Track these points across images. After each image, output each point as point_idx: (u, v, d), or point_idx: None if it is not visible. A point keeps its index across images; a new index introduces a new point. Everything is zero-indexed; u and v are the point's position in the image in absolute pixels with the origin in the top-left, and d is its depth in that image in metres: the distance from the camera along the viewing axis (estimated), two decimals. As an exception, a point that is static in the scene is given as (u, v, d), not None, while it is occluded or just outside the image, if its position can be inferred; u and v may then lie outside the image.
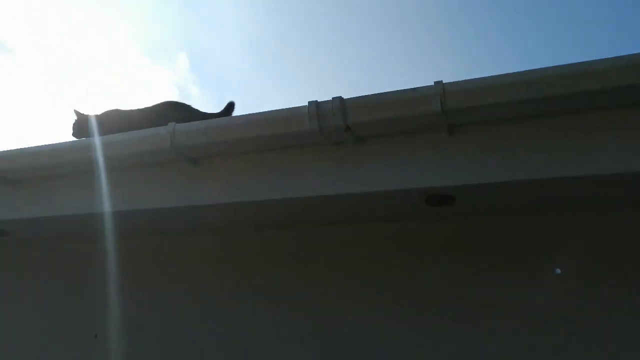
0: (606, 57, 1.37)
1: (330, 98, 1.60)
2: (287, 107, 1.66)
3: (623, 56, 1.36)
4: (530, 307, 1.75)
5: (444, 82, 1.49)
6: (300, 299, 2.02)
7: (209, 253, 2.25)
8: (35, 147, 2.04)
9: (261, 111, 1.69)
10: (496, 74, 1.48)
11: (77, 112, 2.45)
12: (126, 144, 1.90)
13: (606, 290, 1.72)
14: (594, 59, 1.38)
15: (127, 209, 1.95)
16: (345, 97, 1.60)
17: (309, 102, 1.62)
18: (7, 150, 2.07)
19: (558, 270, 1.75)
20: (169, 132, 1.80)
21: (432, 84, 1.50)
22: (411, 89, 1.54)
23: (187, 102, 2.45)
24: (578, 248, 1.76)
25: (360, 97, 1.59)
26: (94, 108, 2.50)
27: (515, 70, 1.46)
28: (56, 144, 2.03)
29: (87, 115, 2.44)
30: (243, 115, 1.72)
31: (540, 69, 1.44)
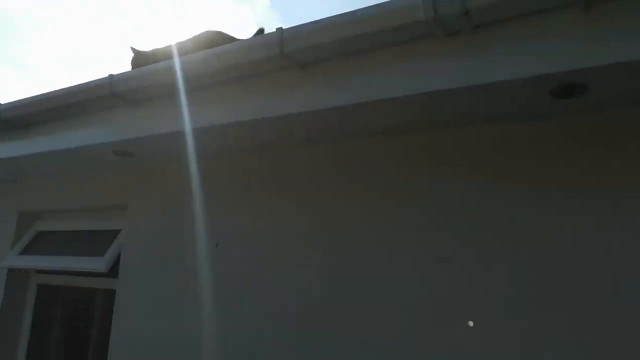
0: None
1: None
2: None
3: None
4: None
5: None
6: (438, 198, 1.96)
7: (330, 162, 2.27)
8: (150, 66, 2.15)
9: (369, 5, 1.62)
10: None
11: (133, 49, 2.59)
12: (234, 54, 1.93)
13: None
14: None
15: (245, 119, 2.00)
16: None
17: (423, -11, 1.52)
18: (126, 72, 2.19)
19: None
20: (276, 38, 1.80)
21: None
22: (541, -41, 1.38)
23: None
24: None
25: (480, -24, 1.46)
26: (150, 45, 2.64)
27: None
28: (168, 61, 2.11)
29: (143, 51, 2.57)
30: (351, 11, 1.65)
31: None
